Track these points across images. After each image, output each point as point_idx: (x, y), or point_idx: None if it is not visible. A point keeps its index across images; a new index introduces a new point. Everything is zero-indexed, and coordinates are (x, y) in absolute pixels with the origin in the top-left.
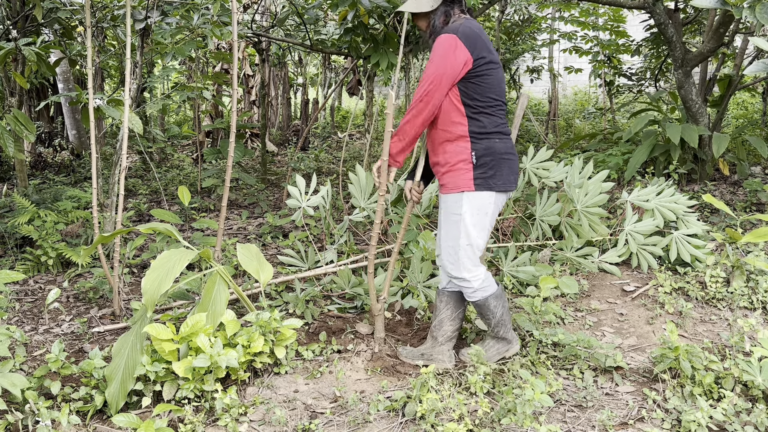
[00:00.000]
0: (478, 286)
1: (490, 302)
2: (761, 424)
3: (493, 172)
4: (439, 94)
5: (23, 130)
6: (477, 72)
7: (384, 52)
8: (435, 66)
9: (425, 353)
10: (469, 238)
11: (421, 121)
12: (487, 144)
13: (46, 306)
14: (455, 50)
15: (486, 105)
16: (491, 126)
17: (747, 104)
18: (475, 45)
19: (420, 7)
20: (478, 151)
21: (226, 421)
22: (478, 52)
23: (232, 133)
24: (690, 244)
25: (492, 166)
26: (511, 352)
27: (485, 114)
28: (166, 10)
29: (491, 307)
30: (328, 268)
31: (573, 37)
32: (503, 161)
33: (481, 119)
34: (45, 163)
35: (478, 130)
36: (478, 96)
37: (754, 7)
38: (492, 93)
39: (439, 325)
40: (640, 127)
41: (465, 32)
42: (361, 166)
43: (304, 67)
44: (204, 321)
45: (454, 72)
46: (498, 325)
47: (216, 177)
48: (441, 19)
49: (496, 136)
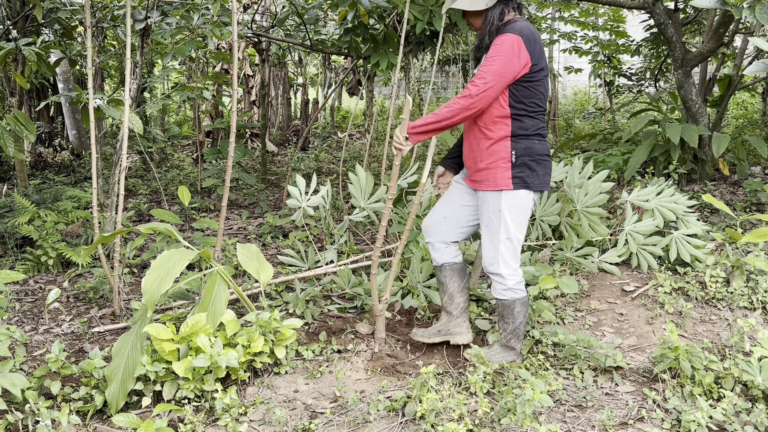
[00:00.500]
0: (512, 285)
1: (517, 306)
2: (761, 424)
3: (530, 171)
4: (495, 92)
5: (23, 130)
6: (531, 78)
7: (384, 52)
8: (499, 65)
9: (441, 329)
10: (508, 232)
11: (469, 114)
12: (527, 144)
13: (46, 306)
14: (519, 52)
15: (531, 110)
16: (532, 128)
17: (747, 104)
18: (534, 50)
19: (475, 5)
20: (518, 151)
21: (226, 421)
22: (537, 58)
23: (232, 133)
24: (690, 244)
25: (530, 166)
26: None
27: (529, 117)
28: (166, 10)
29: (515, 311)
30: (328, 268)
31: (573, 37)
32: (540, 162)
33: (525, 121)
34: (45, 163)
35: (519, 132)
36: (525, 100)
37: (754, 7)
38: (538, 99)
39: (450, 300)
40: (640, 127)
41: (528, 35)
42: (361, 166)
43: (304, 67)
44: (204, 321)
45: (515, 74)
46: (513, 333)
47: (216, 177)
48: (498, 17)
49: (535, 138)
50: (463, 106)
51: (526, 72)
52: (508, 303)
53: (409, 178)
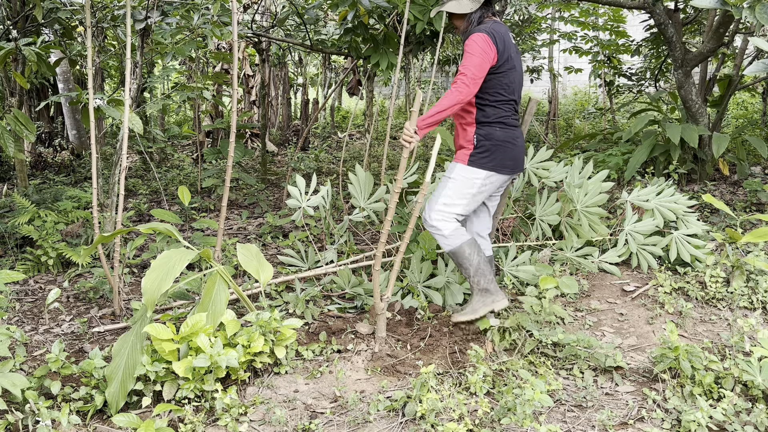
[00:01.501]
0: (449, 233)
1: (465, 249)
2: (761, 424)
3: (488, 154)
4: (481, 81)
5: (23, 130)
6: (497, 70)
7: (384, 52)
8: (478, 58)
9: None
10: (448, 198)
11: (464, 101)
12: (488, 131)
13: (46, 306)
14: (489, 47)
15: (494, 99)
16: (494, 116)
17: (747, 104)
18: (500, 45)
19: (461, 8)
20: (479, 136)
21: (226, 421)
22: (502, 52)
23: (232, 133)
24: (690, 244)
25: (489, 149)
26: (499, 306)
27: (491, 106)
28: (166, 10)
29: (466, 254)
30: (328, 268)
31: (573, 37)
32: (500, 147)
33: (486, 110)
34: (45, 163)
35: (482, 119)
36: (489, 91)
37: (754, 7)
38: (502, 90)
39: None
40: (640, 127)
41: (494, 32)
42: (361, 166)
43: (304, 67)
44: (204, 321)
45: (491, 64)
46: (477, 274)
47: (216, 177)
48: (478, 20)
49: (497, 125)
50: (460, 94)
51: (493, 64)
52: (456, 250)
53: (409, 178)
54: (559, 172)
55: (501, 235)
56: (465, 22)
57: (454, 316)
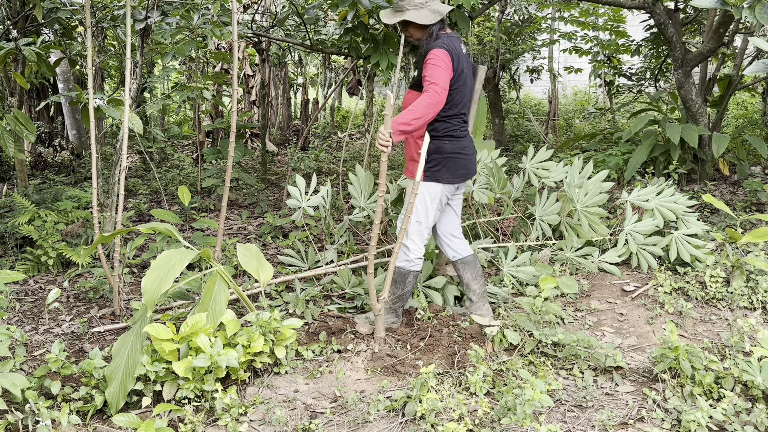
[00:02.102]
0: (413, 258)
1: (410, 276)
2: (761, 424)
3: (440, 167)
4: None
5: (23, 130)
6: (452, 87)
7: (384, 52)
8: (442, 70)
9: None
10: (418, 216)
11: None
12: (437, 144)
13: (46, 306)
14: (449, 63)
15: (444, 115)
16: (443, 130)
17: (747, 104)
18: (458, 60)
19: (423, 19)
20: (429, 149)
21: (226, 420)
22: (457, 69)
23: (232, 133)
24: (690, 244)
25: (439, 162)
26: (395, 326)
27: (441, 121)
28: (166, 10)
29: (407, 281)
30: (328, 268)
31: (573, 37)
32: (450, 159)
33: (435, 124)
34: (45, 163)
35: (432, 133)
36: None
37: (754, 7)
38: (452, 105)
39: (468, 288)
40: (640, 127)
41: (451, 49)
42: (361, 166)
43: (304, 67)
44: (204, 321)
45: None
46: (400, 298)
47: (216, 177)
48: (437, 31)
49: (446, 138)
50: (434, 101)
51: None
52: (404, 272)
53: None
54: (559, 172)
55: (501, 235)
56: (425, 33)
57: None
